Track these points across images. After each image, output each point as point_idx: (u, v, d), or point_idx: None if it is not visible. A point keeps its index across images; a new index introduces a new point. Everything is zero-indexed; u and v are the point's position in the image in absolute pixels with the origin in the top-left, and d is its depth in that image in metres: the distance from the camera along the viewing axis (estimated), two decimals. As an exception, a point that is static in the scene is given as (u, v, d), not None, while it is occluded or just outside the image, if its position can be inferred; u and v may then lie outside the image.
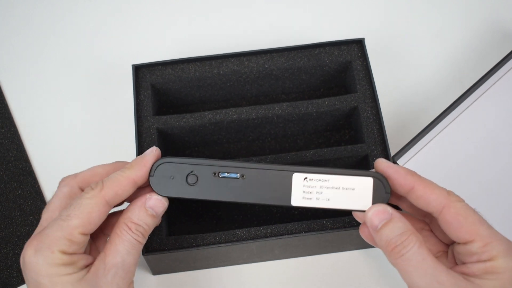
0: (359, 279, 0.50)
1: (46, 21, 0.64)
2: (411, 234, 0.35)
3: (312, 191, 0.38)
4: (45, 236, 0.36)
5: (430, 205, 0.36)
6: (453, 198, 0.36)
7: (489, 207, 0.50)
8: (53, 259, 0.35)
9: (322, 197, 0.38)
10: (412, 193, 0.37)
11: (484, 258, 0.34)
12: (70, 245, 0.36)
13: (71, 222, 0.36)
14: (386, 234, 0.35)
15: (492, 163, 0.51)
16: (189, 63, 0.52)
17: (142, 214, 0.38)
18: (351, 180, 0.38)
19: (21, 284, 0.51)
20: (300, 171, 0.38)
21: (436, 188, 0.36)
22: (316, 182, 0.38)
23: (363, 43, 0.52)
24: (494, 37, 0.62)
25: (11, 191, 0.54)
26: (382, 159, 0.38)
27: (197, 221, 0.52)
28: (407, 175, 0.37)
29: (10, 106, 0.59)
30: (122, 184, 0.38)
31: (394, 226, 0.35)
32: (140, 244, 0.38)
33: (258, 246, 0.46)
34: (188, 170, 0.39)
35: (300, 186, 0.39)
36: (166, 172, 0.39)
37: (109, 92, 0.60)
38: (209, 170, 0.39)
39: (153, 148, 0.40)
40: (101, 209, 0.37)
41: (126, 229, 0.38)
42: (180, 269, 0.50)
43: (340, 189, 0.38)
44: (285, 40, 0.60)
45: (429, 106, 0.58)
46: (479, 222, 0.35)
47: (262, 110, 0.51)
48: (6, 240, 0.52)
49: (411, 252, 0.34)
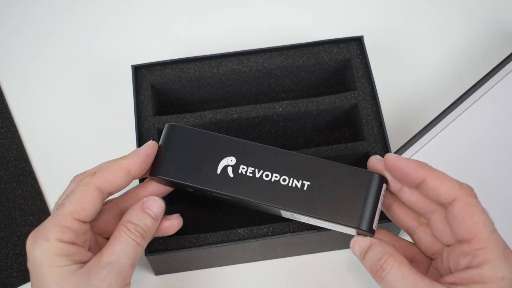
0: (361, 276, 0.50)
1: (46, 21, 0.64)
2: (389, 257, 0.36)
3: (301, 218, 0.40)
4: (41, 226, 0.37)
5: (441, 197, 0.36)
6: (464, 192, 0.35)
7: (489, 207, 0.50)
8: (49, 248, 0.36)
9: (311, 221, 0.40)
10: (424, 185, 0.37)
11: (474, 264, 0.34)
12: (65, 232, 0.36)
13: (65, 209, 0.37)
14: (367, 261, 0.37)
15: (493, 163, 0.52)
16: (188, 62, 0.52)
17: (140, 214, 0.39)
18: (336, 226, 0.39)
19: (21, 284, 0.51)
20: (288, 210, 0.39)
21: (447, 180, 0.36)
22: (303, 217, 0.40)
23: (362, 40, 0.52)
24: (495, 37, 0.62)
25: (11, 191, 0.54)
26: (391, 154, 0.38)
27: (198, 220, 0.52)
28: (418, 168, 0.37)
29: (10, 106, 0.59)
30: (113, 171, 0.39)
31: (373, 252, 0.37)
32: (138, 245, 0.38)
33: (261, 245, 0.46)
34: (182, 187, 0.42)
35: (289, 215, 0.41)
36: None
37: (109, 92, 0.60)
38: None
39: (149, 141, 0.41)
40: (93, 194, 0.38)
41: (124, 230, 0.38)
42: (182, 269, 0.50)
43: (326, 224, 0.40)
44: (284, 38, 0.60)
45: (429, 106, 0.58)
46: (483, 224, 0.35)
47: (262, 109, 0.51)
48: (6, 240, 0.52)
49: (390, 273, 0.35)
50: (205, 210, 0.52)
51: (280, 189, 0.39)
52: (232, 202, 0.42)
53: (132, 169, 0.39)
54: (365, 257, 0.37)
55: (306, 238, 0.46)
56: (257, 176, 0.40)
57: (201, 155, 0.40)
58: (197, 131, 0.41)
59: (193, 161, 0.40)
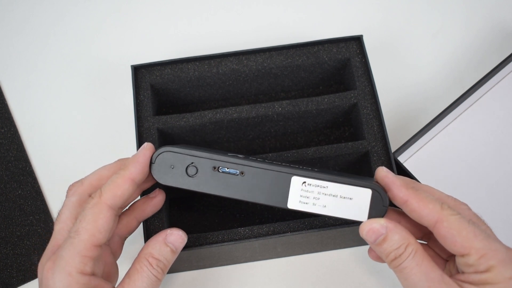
0: (362, 275, 0.50)
1: (46, 21, 0.64)
2: (408, 245, 0.35)
3: (309, 196, 0.38)
4: (60, 258, 0.36)
5: (424, 219, 0.36)
6: (446, 212, 0.36)
7: (490, 206, 0.50)
8: (71, 283, 0.35)
9: (319, 203, 0.38)
10: (406, 206, 0.37)
11: (481, 269, 0.34)
12: (86, 262, 0.36)
13: (81, 237, 0.36)
14: (383, 249, 0.36)
15: (493, 163, 0.52)
16: (188, 62, 0.52)
17: (163, 249, 0.39)
18: (349, 190, 0.38)
19: (21, 284, 0.51)
20: (299, 175, 0.38)
21: (429, 202, 0.36)
22: (314, 188, 0.38)
23: (361, 40, 0.52)
24: (495, 37, 0.62)
25: (11, 191, 0.54)
26: (382, 168, 0.38)
27: (198, 220, 0.52)
28: (401, 188, 0.37)
29: (10, 106, 0.59)
30: (119, 185, 0.38)
31: (390, 241, 0.36)
32: (159, 281, 0.38)
33: (261, 244, 0.46)
34: (188, 161, 0.40)
35: (298, 190, 0.39)
36: (167, 161, 0.40)
37: (109, 92, 0.60)
38: (209, 164, 0.40)
39: (145, 144, 0.40)
40: (106, 215, 0.37)
41: (146, 265, 0.38)
42: (183, 269, 0.50)
43: (337, 197, 0.38)
44: (283, 38, 0.60)
45: (429, 105, 0.58)
46: (474, 235, 0.35)
47: (262, 108, 0.51)
48: (6, 240, 0.52)
49: (406, 261, 0.35)
50: (205, 210, 0.52)
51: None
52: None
53: (135, 178, 0.39)
54: (382, 244, 0.36)
55: (307, 237, 0.46)
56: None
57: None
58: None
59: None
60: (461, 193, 0.50)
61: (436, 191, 0.39)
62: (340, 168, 0.52)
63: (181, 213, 0.52)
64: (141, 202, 0.43)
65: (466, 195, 0.50)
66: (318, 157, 0.49)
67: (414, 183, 0.39)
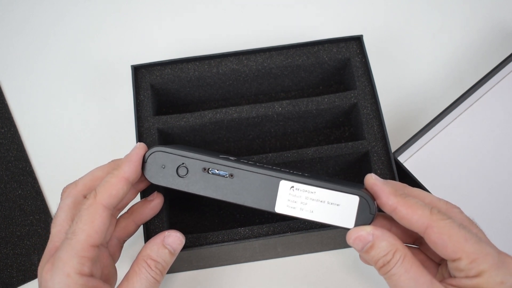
0: (361, 275, 0.50)
1: (46, 21, 0.64)
2: (396, 252, 0.35)
3: (296, 201, 0.39)
4: (57, 259, 0.36)
5: (413, 226, 0.36)
6: (435, 217, 0.35)
7: (489, 206, 0.50)
8: (69, 284, 0.35)
9: (306, 208, 0.38)
10: (396, 213, 0.37)
11: (472, 274, 0.34)
12: (84, 263, 0.36)
13: (78, 238, 0.36)
14: (371, 256, 0.36)
15: (493, 163, 0.52)
16: (188, 62, 0.52)
17: (161, 251, 0.39)
18: (337, 196, 0.38)
19: (21, 284, 0.51)
20: (288, 179, 0.39)
21: (418, 209, 0.36)
22: (302, 192, 0.39)
23: (361, 40, 0.52)
24: (495, 37, 0.62)
25: (11, 191, 0.54)
26: (371, 175, 0.38)
27: (199, 220, 0.52)
28: (390, 195, 0.37)
29: (10, 106, 0.59)
30: (113, 184, 0.38)
31: (377, 248, 0.36)
32: (157, 283, 0.38)
33: (261, 244, 0.46)
34: (179, 161, 0.40)
35: (286, 194, 0.39)
36: (159, 160, 0.40)
37: (109, 92, 0.60)
38: (199, 165, 0.40)
39: (138, 143, 0.41)
40: (102, 215, 0.37)
41: (145, 266, 0.38)
42: (182, 269, 0.50)
43: (325, 203, 0.38)
44: (283, 38, 0.60)
45: (429, 106, 0.58)
46: (464, 239, 0.34)
47: (262, 108, 0.51)
48: (6, 240, 0.52)
49: (395, 267, 0.35)
50: (205, 210, 0.52)
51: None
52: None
53: (129, 177, 0.39)
54: (369, 252, 0.36)
55: (307, 237, 0.46)
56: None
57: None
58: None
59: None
60: (461, 193, 0.50)
61: (427, 195, 0.39)
62: (340, 168, 0.52)
63: (181, 213, 0.52)
64: (139, 205, 0.44)
65: (466, 195, 0.50)
66: (318, 157, 0.49)
67: (405, 188, 0.39)
